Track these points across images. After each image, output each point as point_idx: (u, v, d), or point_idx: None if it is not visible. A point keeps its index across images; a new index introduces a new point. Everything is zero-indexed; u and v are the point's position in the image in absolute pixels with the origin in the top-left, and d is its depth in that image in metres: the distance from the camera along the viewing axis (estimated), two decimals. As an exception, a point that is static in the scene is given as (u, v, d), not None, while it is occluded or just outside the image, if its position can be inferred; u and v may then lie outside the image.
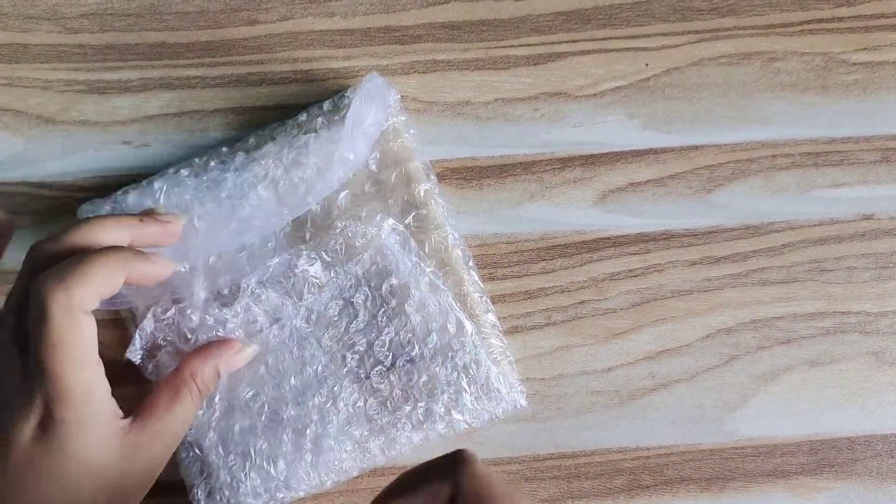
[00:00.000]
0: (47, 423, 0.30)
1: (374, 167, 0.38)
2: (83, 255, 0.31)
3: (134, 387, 0.35)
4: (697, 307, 0.41)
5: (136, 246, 0.33)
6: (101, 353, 0.31)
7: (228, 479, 0.37)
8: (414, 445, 0.38)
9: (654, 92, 0.41)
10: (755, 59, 0.42)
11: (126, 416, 0.32)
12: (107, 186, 0.40)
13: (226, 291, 0.37)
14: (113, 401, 0.32)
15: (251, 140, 0.39)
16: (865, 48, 0.42)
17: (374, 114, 0.37)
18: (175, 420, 0.33)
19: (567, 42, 0.41)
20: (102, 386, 0.31)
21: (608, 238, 0.40)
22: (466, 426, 0.38)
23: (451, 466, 0.25)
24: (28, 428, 0.30)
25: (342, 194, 0.38)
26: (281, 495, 0.37)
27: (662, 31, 0.42)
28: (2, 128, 0.41)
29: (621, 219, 0.41)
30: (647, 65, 0.41)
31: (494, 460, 0.40)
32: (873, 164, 0.41)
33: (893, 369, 0.41)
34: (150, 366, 0.37)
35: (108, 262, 0.31)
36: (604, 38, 0.42)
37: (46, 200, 0.41)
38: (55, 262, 0.31)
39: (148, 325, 0.36)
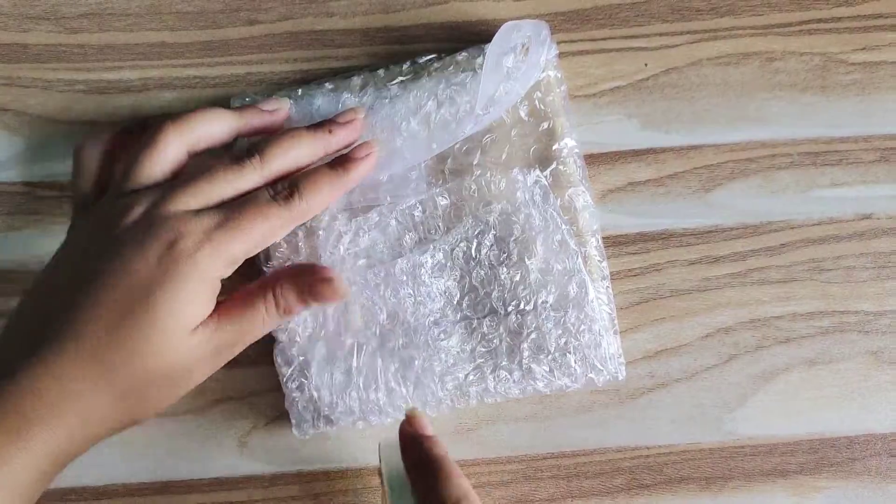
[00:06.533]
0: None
1: (524, 115, 0.39)
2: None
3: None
4: (696, 307, 0.41)
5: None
6: None
7: (328, 397, 0.38)
8: (511, 397, 0.38)
9: (653, 92, 0.41)
10: (754, 59, 0.42)
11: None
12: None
13: (359, 206, 0.38)
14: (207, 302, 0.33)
15: (405, 67, 0.39)
16: (864, 48, 0.42)
17: (530, 60, 0.37)
18: (242, 329, 0.34)
19: (566, 42, 0.41)
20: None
21: (607, 237, 0.40)
22: (565, 388, 0.38)
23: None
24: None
25: (487, 136, 0.39)
26: (374, 419, 0.38)
27: (661, 31, 0.42)
28: (2, 128, 0.41)
29: (620, 218, 0.41)
30: (646, 65, 0.42)
31: (494, 459, 0.40)
32: (872, 163, 0.41)
33: (892, 368, 0.41)
34: (263, 257, 0.38)
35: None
36: (603, 38, 0.42)
37: (46, 200, 0.41)
38: None
39: None
